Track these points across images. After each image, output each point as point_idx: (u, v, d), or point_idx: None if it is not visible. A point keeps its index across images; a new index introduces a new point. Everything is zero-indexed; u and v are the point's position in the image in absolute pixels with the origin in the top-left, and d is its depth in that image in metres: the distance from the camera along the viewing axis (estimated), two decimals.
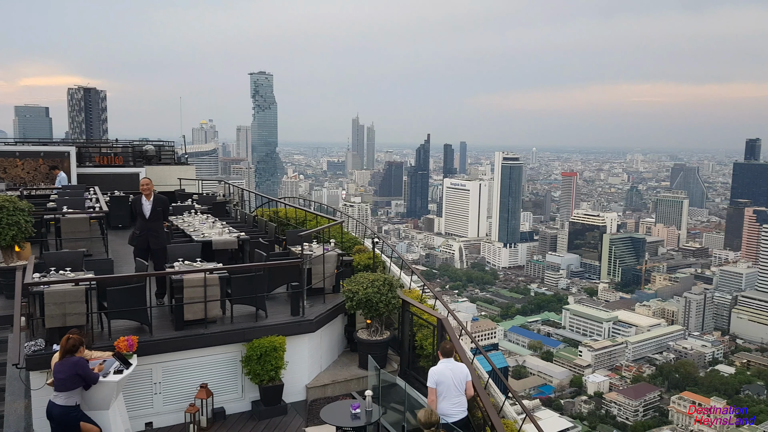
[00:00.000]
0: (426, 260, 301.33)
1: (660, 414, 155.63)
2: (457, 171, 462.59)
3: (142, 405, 12.09)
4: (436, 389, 10.08)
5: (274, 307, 14.18)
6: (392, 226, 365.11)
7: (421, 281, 17.16)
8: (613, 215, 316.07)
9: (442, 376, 10.10)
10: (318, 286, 15.10)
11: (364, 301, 13.39)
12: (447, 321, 12.43)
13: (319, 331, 13.82)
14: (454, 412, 10.17)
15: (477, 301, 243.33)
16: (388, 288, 13.57)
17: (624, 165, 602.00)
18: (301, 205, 26.69)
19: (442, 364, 10.27)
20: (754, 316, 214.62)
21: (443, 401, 10.12)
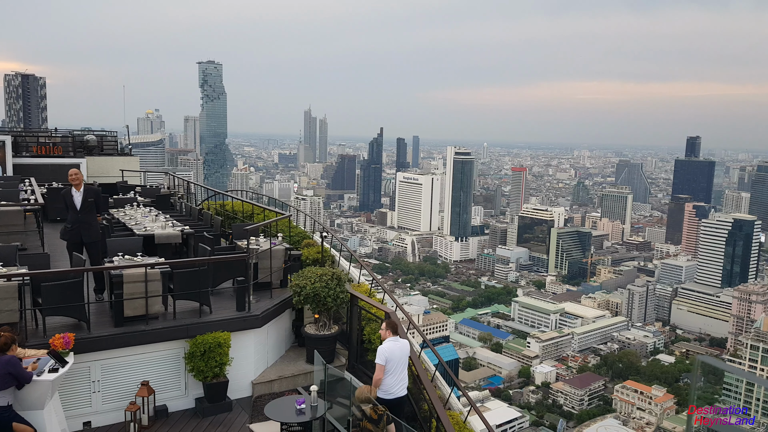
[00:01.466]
0: (379, 254, 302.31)
1: (604, 402, 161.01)
2: (409, 165, 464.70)
3: (79, 404, 11.67)
4: (384, 366, 10.25)
5: (219, 302, 13.92)
6: (345, 220, 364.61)
7: (371, 275, 17.12)
8: (561, 210, 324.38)
9: (392, 354, 10.31)
10: (265, 281, 14.89)
11: (312, 296, 13.31)
12: (395, 315, 12.50)
13: (265, 326, 13.65)
14: (399, 388, 10.47)
15: (429, 294, 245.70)
16: (337, 282, 13.52)
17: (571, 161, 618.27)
18: (249, 199, 26.28)
19: (390, 341, 10.45)
20: (693, 308, 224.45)
21: (390, 377, 10.33)
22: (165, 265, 13.07)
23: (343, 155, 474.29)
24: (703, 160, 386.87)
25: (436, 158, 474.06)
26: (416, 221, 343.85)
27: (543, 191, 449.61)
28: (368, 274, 17.31)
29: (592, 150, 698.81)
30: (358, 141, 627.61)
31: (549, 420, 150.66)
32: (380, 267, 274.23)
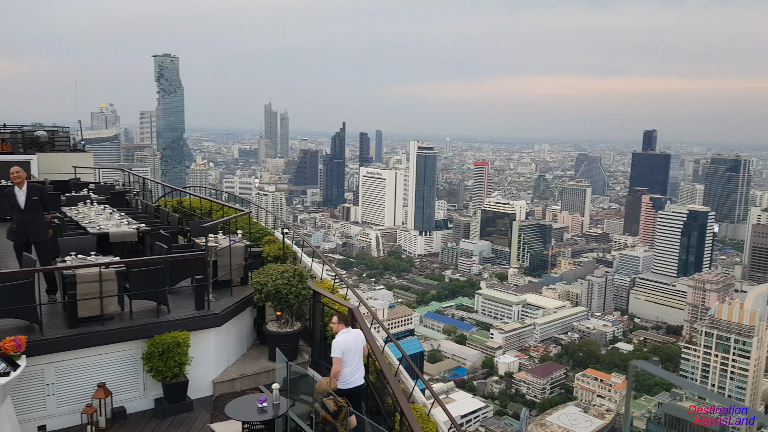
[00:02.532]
0: (343, 249, 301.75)
1: (565, 391, 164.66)
2: (373, 160, 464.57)
3: (33, 408, 11.35)
4: (342, 359, 10.51)
5: (178, 301, 13.72)
6: (308, 215, 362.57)
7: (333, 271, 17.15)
8: (522, 203, 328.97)
9: (347, 345, 10.58)
10: (225, 279, 14.70)
11: (273, 293, 13.21)
12: (358, 310, 12.48)
13: (226, 324, 13.53)
14: (356, 377, 10.76)
15: (394, 288, 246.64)
16: (299, 279, 13.46)
17: (532, 154, 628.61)
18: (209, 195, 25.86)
19: (344, 334, 10.73)
20: (650, 297, 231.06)
21: (346, 368, 10.59)
22: (120, 264, 12.78)
23: (306, 150, 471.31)
24: (659, 153, 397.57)
25: (399, 153, 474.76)
26: (380, 216, 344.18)
27: (505, 185, 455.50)
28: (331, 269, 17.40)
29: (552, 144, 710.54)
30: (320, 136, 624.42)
31: (512, 409, 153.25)
32: (344, 262, 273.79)
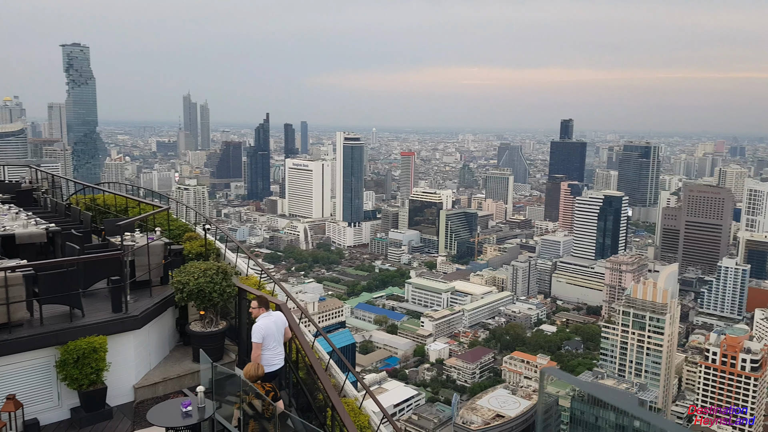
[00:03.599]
0: (270, 243, 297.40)
1: (494, 374, 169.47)
2: (299, 151, 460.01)
3: None
4: (261, 344, 10.57)
5: (93, 304, 13.04)
6: (233, 209, 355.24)
7: (259, 266, 16.74)
8: (448, 192, 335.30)
9: (268, 330, 10.65)
10: (143, 279, 14.14)
11: (195, 292, 12.78)
12: (285, 306, 12.25)
13: (146, 326, 12.99)
14: (278, 360, 10.87)
15: (324, 281, 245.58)
16: (223, 277, 13.06)
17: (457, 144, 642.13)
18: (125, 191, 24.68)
19: (265, 318, 10.79)
20: (571, 279, 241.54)
21: (268, 351, 10.67)
22: (28, 267, 11.94)
23: (228, 142, 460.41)
24: (576, 141, 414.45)
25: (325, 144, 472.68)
26: (308, 208, 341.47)
27: (431, 175, 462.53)
28: (257, 265, 16.84)
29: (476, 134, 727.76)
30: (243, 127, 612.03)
31: (444, 395, 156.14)
32: (272, 256, 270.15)
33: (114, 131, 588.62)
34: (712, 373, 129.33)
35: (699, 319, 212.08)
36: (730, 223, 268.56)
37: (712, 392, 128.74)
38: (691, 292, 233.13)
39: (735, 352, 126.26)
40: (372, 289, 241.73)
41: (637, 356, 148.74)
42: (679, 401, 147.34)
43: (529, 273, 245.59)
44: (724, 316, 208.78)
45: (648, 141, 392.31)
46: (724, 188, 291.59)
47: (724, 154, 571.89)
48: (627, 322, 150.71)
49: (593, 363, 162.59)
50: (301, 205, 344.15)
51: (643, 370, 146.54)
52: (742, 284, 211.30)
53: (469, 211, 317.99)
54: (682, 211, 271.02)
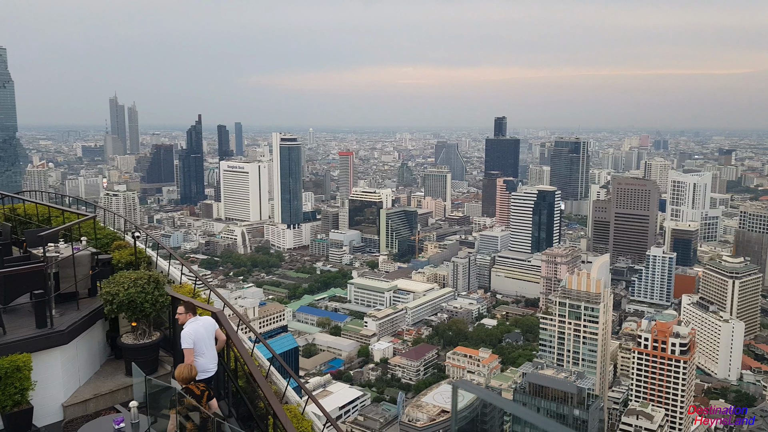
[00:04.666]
0: (206, 248, 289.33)
1: (438, 370, 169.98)
2: (233, 153, 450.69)
3: None
4: (193, 349, 10.51)
5: (15, 320, 12.53)
6: (165, 215, 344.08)
7: (193, 274, 16.28)
8: (388, 191, 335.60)
9: (198, 334, 10.61)
10: (69, 292, 13.69)
11: (126, 303, 12.43)
12: (222, 313, 12.02)
13: (73, 341, 12.57)
14: (212, 365, 10.89)
15: (264, 285, 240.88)
16: (155, 286, 12.76)
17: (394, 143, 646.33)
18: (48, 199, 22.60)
19: (193, 323, 10.79)
20: (509, 273, 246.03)
21: (201, 358, 10.60)
22: None
23: (158, 145, 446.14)
24: (510, 138, 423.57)
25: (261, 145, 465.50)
26: (245, 211, 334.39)
27: (370, 174, 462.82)
28: (191, 271, 16.44)
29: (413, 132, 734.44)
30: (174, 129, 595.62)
31: (389, 394, 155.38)
32: (209, 262, 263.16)
33: (36, 136, 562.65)
34: (644, 358, 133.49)
35: (631, 307, 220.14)
36: (656, 213, 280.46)
37: (645, 376, 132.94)
38: (623, 281, 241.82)
39: (665, 337, 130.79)
40: (314, 292, 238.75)
41: (574, 345, 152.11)
42: (615, 387, 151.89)
43: (469, 268, 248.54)
44: (654, 302, 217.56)
45: (577, 137, 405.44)
46: (649, 180, 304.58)
47: (649, 147, 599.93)
48: (563, 312, 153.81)
49: (533, 354, 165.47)
50: (238, 208, 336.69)
51: (581, 358, 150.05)
52: (669, 272, 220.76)
53: (409, 210, 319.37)
54: (612, 203, 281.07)
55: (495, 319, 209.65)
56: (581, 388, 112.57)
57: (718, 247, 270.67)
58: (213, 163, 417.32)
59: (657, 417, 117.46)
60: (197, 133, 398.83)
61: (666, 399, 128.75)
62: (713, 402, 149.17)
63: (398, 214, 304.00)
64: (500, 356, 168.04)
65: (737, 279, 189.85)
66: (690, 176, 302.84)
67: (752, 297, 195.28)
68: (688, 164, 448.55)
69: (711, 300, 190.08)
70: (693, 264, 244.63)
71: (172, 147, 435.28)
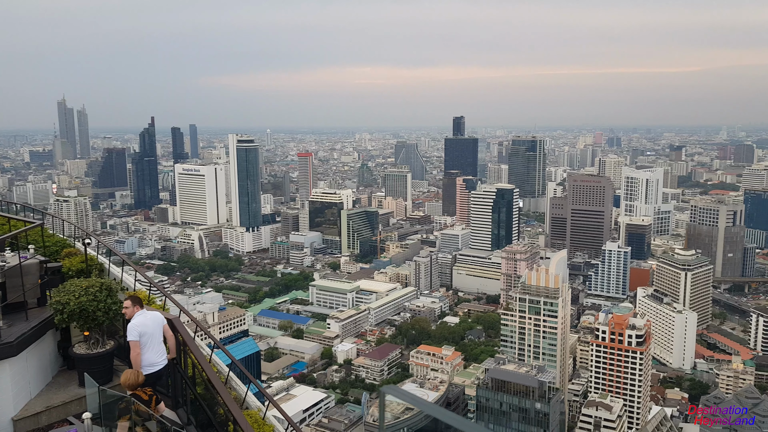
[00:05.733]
0: (162, 254, 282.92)
1: (402, 369, 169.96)
2: (189, 156, 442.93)
3: None
4: (139, 342, 10.44)
5: None
6: (119, 220, 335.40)
7: (147, 279, 16.16)
8: (348, 192, 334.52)
9: (145, 327, 10.54)
10: (17, 301, 13.34)
11: (77, 312, 12.02)
12: (178, 320, 11.84)
13: (23, 353, 12.30)
14: (160, 360, 10.81)
15: (223, 289, 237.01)
16: (107, 293, 12.44)
17: (354, 144, 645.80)
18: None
19: (140, 316, 10.78)
20: (470, 271, 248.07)
21: (149, 351, 10.55)
22: None
23: (110, 149, 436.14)
24: (468, 138, 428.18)
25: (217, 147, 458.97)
26: (202, 215, 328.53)
27: (330, 175, 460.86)
28: (145, 278, 16.31)
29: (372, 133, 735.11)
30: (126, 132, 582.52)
31: (354, 395, 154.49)
32: (165, 267, 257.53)
33: None
34: (602, 350, 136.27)
35: (588, 301, 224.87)
36: (610, 209, 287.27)
37: (603, 368, 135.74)
38: (580, 276, 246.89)
39: (622, 329, 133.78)
40: (275, 295, 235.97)
41: (534, 340, 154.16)
42: (575, 379, 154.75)
43: (431, 267, 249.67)
44: (610, 296, 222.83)
45: (534, 135, 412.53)
46: (604, 177, 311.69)
47: (603, 145, 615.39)
48: (524, 308, 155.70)
49: (495, 350, 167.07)
50: (194, 211, 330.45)
51: (541, 352, 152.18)
52: (624, 265, 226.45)
53: (370, 210, 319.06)
54: (568, 200, 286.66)
55: (457, 316, 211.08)
56: (542, 381, 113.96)
57: (670, 240, 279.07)
58: (167, 167, 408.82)
59: (616, 407, 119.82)
60: (150, 136, 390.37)
61: (624, 389, 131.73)
62: (669, 391, 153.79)
63: (359, 214, 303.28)
64: (463, 353, 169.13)
65: (689, 271, 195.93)
66: (642, 172, 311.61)
67: (704, 288, 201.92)
68: (640, 161, 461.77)
69: (665, 292, 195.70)
70: (647, 257, 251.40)
71: (124, 150, 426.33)
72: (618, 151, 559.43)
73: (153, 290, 15.56)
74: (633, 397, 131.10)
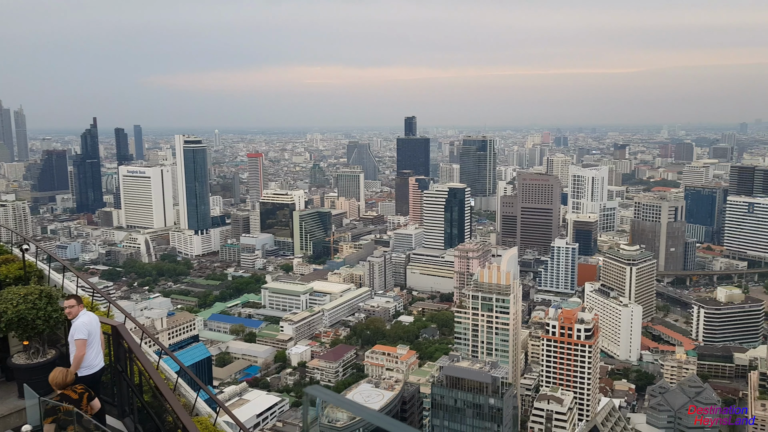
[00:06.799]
0: (107, 258, 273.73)
1: (357, 370, 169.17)
2: (133, 157, 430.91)
3: None
4: (87, 340, 10.35)
5: None
6: (61, 224, 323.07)
7: (89, 285, 15.63)
8: (300, 192, 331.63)
9: (92, 326, 10.46)
10: None
11: (16, 321, 11.63)
12: (123, 327, 11.58)
13: None
14: (97, 361, 10.65)
15: (171, 294, 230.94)
16: (47, 301, 11.92)
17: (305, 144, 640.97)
18: None
19: (87, 315, 10.57)
20: (424, 270, 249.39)
21: (91, 350, 10.42)
22: None
23: (50, 151, 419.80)
24: (420, 137, 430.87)
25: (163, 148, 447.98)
26: (148, 218, 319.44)
27: (281, 176, 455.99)
28: (87, 284, 15.76)
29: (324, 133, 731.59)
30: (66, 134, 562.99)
31: None
32: (111, 273, 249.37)
33: None
34: (552, 345, 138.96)
35: (539, 296, 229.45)
36: (558, 206, 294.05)
37: (554, 362, 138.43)
38: (530, 272, 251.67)
39: (571, 323, 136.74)
40: (226, 299, 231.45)
41: (487, 336, 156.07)
42: (527, 374, 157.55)
43: (385, 267, 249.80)
44: (560, 291, 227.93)
45: (484, 135, 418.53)
46: (552, 175, 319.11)
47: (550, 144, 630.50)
48: (476, 305, 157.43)
49: (449, 347, 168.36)
50: (140, 215, 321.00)
51: (494, 348, 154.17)
52: (572, 261, 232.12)
53: (323, 211, 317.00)
54: (518, 198, 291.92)
55: (412, 315, 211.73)
56: (495, 377, 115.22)
57: (615, 236, 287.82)
58: (111, 169, 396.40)
59: (566, 400, 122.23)
60: (93, 137, 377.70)
61: (574, 382, 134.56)
62: (617, 383, 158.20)
63: (312, 215, 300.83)
64: (418, 352, 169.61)
65: (634, 266, 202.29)
66: (589, 170, 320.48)
67: (648, 282, 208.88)
68: (586, 159, 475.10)
69: (611, 286, 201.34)
70: (594, 253, 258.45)
71: (65, 152, 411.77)
72: (565, 150, 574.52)
73: (96, 296, 15.02)
74: (583, 390, 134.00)
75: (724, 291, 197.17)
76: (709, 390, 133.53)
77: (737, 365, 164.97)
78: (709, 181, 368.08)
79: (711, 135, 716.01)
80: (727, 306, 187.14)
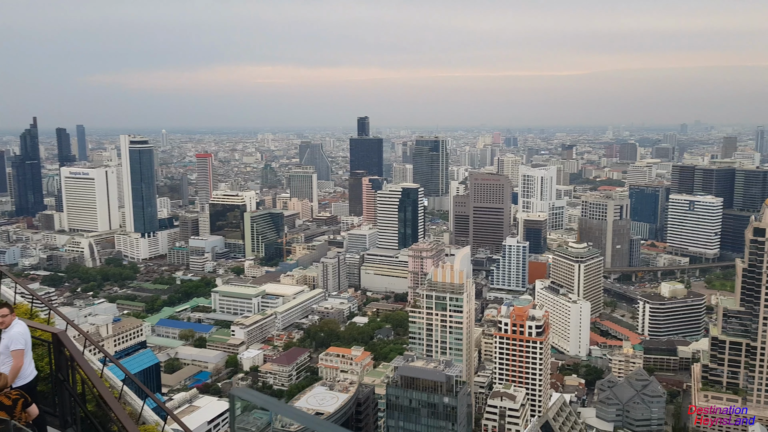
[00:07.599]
0: (49, 263, 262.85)
1: (311, 372, 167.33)
2: (76, 158, 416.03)
3: None
4: (24, 350, 10.11)
5: None
6: None
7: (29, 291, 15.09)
8: (252, 193, 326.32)
9: (27, 336, 10.24)
10: None
11: None
12: (65, 334, 11.03)
13: None
14: (32, 369, 10.45)
15: (117, 299, 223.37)
16: None
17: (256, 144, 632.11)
18: None
19: (21, 323, 10.32)
20: (378, 270, 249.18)
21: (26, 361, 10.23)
22: None
23: None
24: (373, 138, 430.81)
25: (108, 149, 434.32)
26: (92, 221, 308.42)
27: (231, 176, 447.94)
28: (26, 290, 15.31)
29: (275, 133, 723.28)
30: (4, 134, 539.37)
31: None
32: (52, 278, 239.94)
33: None
34: (505, 342, 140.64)
35: (491, 295, 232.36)
36: (509, 206, 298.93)
37: (506, 359, 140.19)
38: (483, 271, 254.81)
39: (522, 321, 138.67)
40: (174, 303, 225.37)
41: (441, 336, 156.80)
42: (480, 372, 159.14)
43: (339, 268, 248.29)
44: (511, 289, 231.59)
45: (436, 136, 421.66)
46: (502, 175, 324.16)
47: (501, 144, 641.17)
48: (430, 304, 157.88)
49: (404, 348, 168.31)
50: (84, 217, 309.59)
51: (448, 347, 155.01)
52: (523, 259, 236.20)
53: (275, 212, 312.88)
54: (470, 198, 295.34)
55: (366, 316, 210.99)
56: (449, 376, 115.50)
57: (564, 234, 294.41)
58: (52, 170, 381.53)
59: (519, 396, 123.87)
60: (33, 138, 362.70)
61: (526, 378, 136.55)
62: (567, 378, 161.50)
63: (263, 216, 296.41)
64: (372, 353, 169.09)
65: (582, 263, 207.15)
66: (538, 170, 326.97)
67: (595, 278, 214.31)
68: (535, 159, 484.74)
69: (560, 283, 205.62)
70: (544, 251, 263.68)
71: (2, 153, 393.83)
72: (515, 150, 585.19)
73: (36, 303, 14.52)
74: (535, 386, 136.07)
75: (667, 286, 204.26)
76: (655, 383, 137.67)
77: (681, 358, 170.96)
78: (652, 180, 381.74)
79: (653, 135, 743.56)
80: (671, 301, 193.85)
